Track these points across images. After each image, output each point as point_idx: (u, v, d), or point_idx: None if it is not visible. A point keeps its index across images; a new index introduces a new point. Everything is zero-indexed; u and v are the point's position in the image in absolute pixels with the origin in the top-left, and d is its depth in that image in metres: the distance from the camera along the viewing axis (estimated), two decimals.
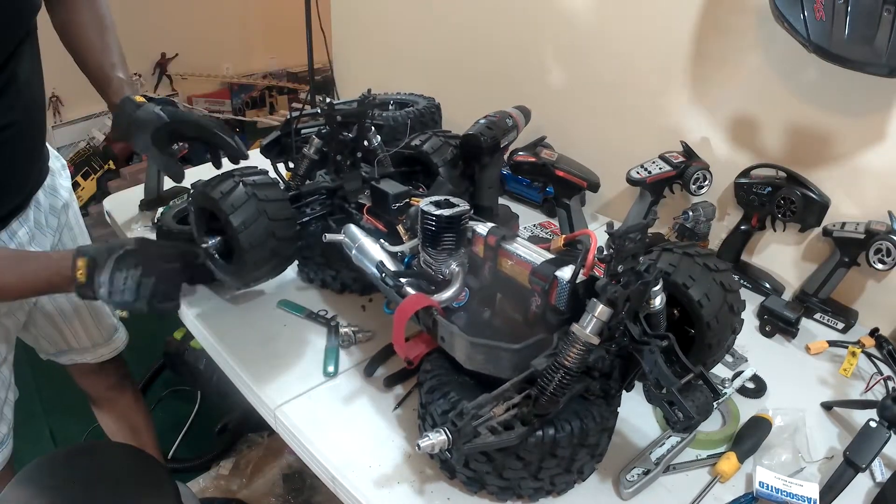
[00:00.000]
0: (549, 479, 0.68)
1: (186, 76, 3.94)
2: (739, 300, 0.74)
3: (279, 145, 1.07)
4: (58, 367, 1.26)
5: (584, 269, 0.66)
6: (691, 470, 0.75)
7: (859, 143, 0.99)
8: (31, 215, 1.03)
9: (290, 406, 0.82)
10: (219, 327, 0.96)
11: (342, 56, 2.03)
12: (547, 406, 0.62)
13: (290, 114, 1.04)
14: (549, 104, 1.39)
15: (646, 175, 1.14)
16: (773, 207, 1.06)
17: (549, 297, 0.69)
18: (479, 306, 0.80)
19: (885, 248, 0.93)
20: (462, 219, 0.76)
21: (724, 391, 0.85)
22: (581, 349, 0.60)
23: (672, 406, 0.60)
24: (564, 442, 0.64)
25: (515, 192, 1.42)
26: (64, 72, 1.20)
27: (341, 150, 0.99)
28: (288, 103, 4.15)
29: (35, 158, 1.03)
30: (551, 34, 1.37)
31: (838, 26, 0.83)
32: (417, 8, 1.68)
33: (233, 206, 0.84)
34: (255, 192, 0.86)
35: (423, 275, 0.79)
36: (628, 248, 0.58)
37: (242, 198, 0.85)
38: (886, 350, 0.95)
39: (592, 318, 0.60)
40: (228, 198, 0.85)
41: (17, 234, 0.99)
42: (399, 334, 0.71)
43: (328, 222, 0.98)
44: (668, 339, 0.63)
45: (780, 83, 1.04)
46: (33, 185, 1.04)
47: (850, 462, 0.71)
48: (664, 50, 1.19)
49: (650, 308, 0.65)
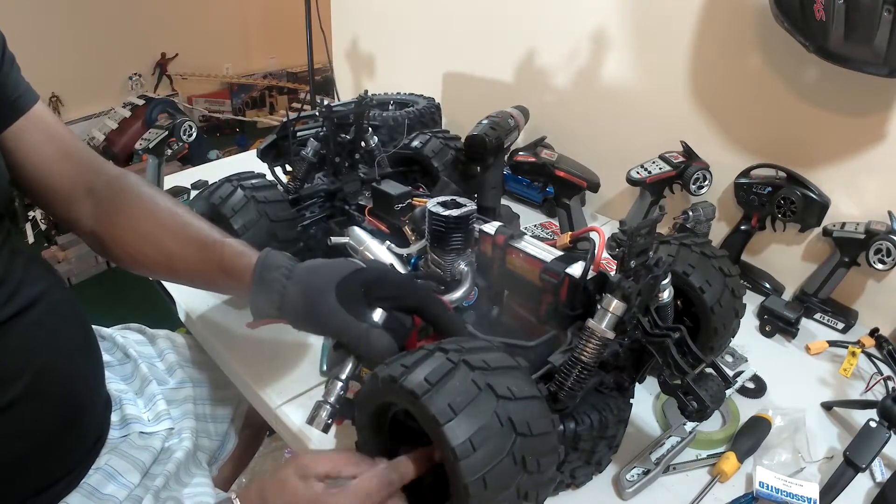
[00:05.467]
0: (570, 472, 0.69)
1: (186, 76, 3.95)
2: (739, 284, 0.77)
3: (276, 149, 1.07)
4: None
5: (593, 265, 0.67)
6: (691, 470, 0.75)
7: (859, 143, 0.99)
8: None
9: (290, 406, 0.82)
10: (219, 327, 0.96)
11: (342, 56, 2.03)
12: (566, 401, 0.62)
13: (287, 116, 1.04)
14: (550, 104, 1.40)
15: (646, 175, 1.14)
16: (773, 207, 1.06)
17: (560, 294, 0.70)
18: (488, 305, 0.81)
19: (885, 248, 0.93)
20: (470, 219, 0.77)
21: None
22: (597, 344, 0.61)
23: (687, 396, 0.61)
24: (585, 435, 0.65)
25: (515, 192, 1.42)
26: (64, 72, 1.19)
27: (339, 151, 0.99)
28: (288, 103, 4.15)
29: (57, 454, 0.66)
30: (551, 34, 1.37)
31: (838, 26, 0.83)
32: (417, 8, 1.68)
33: (233, 209, 0.85)
34: (253, 195, 0.86)
35: (431, 275, 0.79)
36: (639, 244, 0.59)
37: (241, 201, 0.85)
38: (886, 350, 0.95)
39: (607, 313, 0.61)
40: (227, 202, 0.85)
41: None
42: (412, 335, 0.72)
43: (329, 225, 0.98)
44: (680, 331, 0.64)
45: (780, 83, 1.04)
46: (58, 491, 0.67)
47: (850, 462, 0.72)
48: (664, 50, 1.19)
49: (659, 301, 0.67)
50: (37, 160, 0.71)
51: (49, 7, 3.13)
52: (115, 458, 0.73)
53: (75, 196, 0.74)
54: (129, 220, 0.73)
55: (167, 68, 3.84)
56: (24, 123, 0.70)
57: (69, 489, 0.68)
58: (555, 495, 0.70)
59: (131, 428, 0.78)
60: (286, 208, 0.89)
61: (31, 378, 0.62)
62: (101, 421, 0.76)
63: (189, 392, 0.90)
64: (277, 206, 0.88)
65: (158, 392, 0.85)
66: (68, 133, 0.76)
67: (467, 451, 0.46)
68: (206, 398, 0.94)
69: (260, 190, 0.87)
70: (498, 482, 0.47)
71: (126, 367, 0.89)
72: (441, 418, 0.47)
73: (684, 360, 0.63)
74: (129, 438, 0.77)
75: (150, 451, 0.76)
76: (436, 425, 0.47)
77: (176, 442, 0.81)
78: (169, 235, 0.72)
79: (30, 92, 0.72)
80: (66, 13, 3.20)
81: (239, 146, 3.66)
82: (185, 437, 0.82)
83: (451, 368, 0.50)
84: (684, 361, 0.62)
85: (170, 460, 0.78)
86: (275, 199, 0.88)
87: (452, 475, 0.47)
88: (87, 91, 3.40)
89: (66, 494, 0.67)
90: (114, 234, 0.74)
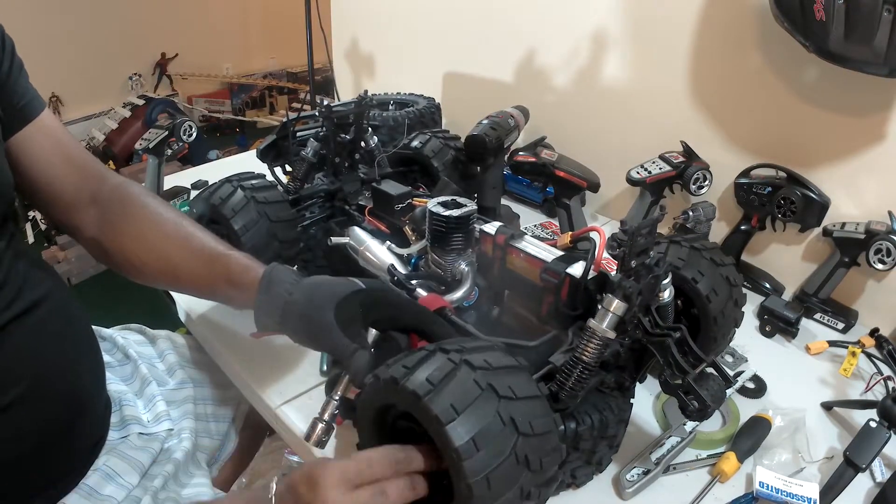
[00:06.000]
0: (570, 472, 0.69)
1: (186, 76, 3.95)
2: (742, 294, 0.77)
3: (276, 149, 1.07)
4: None
5: (594, 265, 0.67)
6: (691, 470, 0.75)
7: (859, 143, 0.99)
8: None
9: (290, 406, 0.82)
10: (219, 327, 0.96)
11: (342, 56, 2.03)
12: (567, 401, 0.62)
13: (287, 116, 1.04)
14: (549, 104, 1.40)
15: (646, 175, 1.14)
16: (773, 207, 1.06)
17: (561, 294, 0.70)
18: (489, 305, 0.81)
19: (885, 248, 0.93)
20: (470, 219, 0.76)
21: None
22: (598, 344, 0.61)
23: (688, 395, 0.62)
24: (586, 434, 0.65)
25: (515, 193, 1.42)
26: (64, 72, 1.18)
27: (339, 151, 0.99)
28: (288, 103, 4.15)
29: (53, 458, 0.67)
30: (551, 34, 1.37)
31: (838, 26, 0.83)
32: (417, 8, 1.68)
33: (233, 210, 0.84)
34: (253, 196, 0.86)
35: (432, 275, 0.79)
36: (639, 244, 0.59)
37: (241, 201, 0.85)
38: (886, 350, 0.95)
39: (608, 312, 0.61)
40: (228, 202, 0.85)
41: None
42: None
43: (330, 225, 0.98)
44: (681, 331, 0.64)
45: (780, 83, 1.04)
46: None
47: (850, 462, 0.72)
48: (664, 50, 1.18)
49: (660, 301, 0.67)
50: (42, 167, 0.71)
51: (49, 7, 3.13)
52: (114, 458, 0.73)
53: (79, 204, 0.74)
54: (134, 229, 0.73)
55: (167, 68, 3.84)
56: (30, 130, 0.70)
57: (68, 490, 0.68)
58: (555, 495, 0.70)
59: (130, 429, 0.78)
60: (286, 209, 0.89)
61: (33, 380, 0.63)
62: (102, 422, 0.76)
63: (189, 392, 0.90)
64: (277, 206, 0.88)
65: (158, 393, 0.86)
66: (73, 141, 0.76)
67: (470, 451, 0.46)
68: (206, 398, 0.94)
69: (260, 191, 0.87)
70: (501, 482, 0.47)
71: (126, 367, 0.89)
72: (444, 418, 0.47)
73: (685, 359, 0.63)
74: (128, 440, 0.77)
75: (150, 452, 0.76)
76: (438, 425, 0.47)
77: (175, 443, 0.81)
78: (174, 246, 0.72)
79: (37, 100, 0.72)
80: (66, 13, 3.19)
81: (239, 146, 3.66)
82: (184, 438, 0.82)
83: (453, 369, 0.50)
84: (685, 361, 0.62)
85: (169, 461, 0.78)
86: (275, 200, 0.88)
87: (456, 476, 0.47)
88: (87, 91, 3.40)
89: (65, 495, 0.67)
90: (118, 243, 0.73)
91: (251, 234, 0.84)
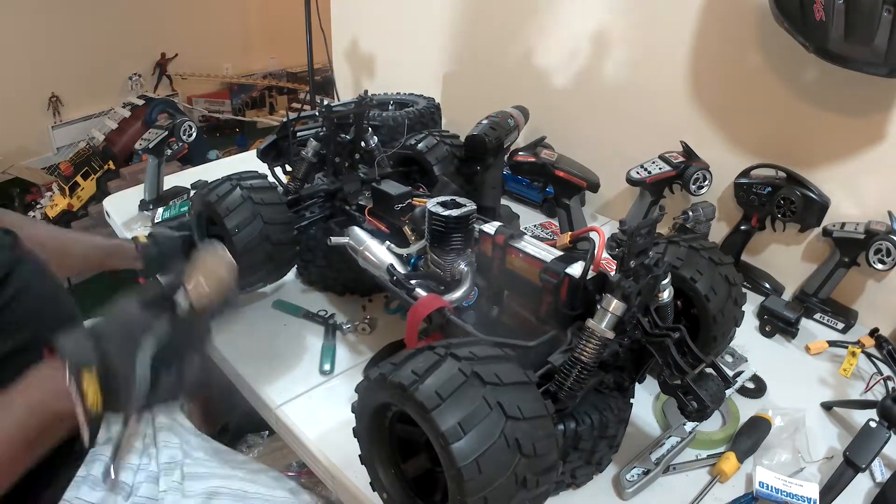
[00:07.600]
0: (570, 472, 0.69)
1: (186, 76, 3.94)
2: (741, 293, 0.77)
3: (276, 149, 1.07)
4: None
5: (593, 265, 0.67)
6: (691, 470, 0.75)
7: (859, 143, 0.99)
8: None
9: (290, 406, 0.82)
10: (219, 327, 0.96)
11: (342, 56, 2.03)
12: (566, 400, 0.62)
13: (287, 116, 1.04)
14: (549, 104, 1.39)
15: (646, 175, 1.14)
16: (773, 207, 1.06)
17: (560, 294, 0.70)
18: (488, 305, 0.81)
19: (885, 248, 0.93)
20: (470, 218, 0.76)
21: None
22: (597, 344, 0.61)
23: (687, 395, 0.62)
24: (586, 434, 0.66)
25: (515, 192, 1.42)
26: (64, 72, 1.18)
27: (339, 151, 0.99)
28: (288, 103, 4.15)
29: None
30: (551, 34, 1.37)
31: (838, 26, 0.83)
32: (417, 8, 1.68)
33: (228, 208, 0.84)
34: (251, 196, 0.86)
35: (431, 275, 0.79)
36: (638, 244, 0.59)
37: (238, 201, 0.85)
38: (886, 350, 0.95)
39: (607, 312, 0.61)
40: (224, 201, 0.85)
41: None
42: (412, 335, 0.72)
43: (329, 225, 0.98)
44: (680, 331, 0.64)
45: (780, 83, 1.04)
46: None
47: (849, 462, 0.72)
48: (664, 50, 1.18)
49: (659, 301, 0.67)
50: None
51: (49, 7, 3.13)
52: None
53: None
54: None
55: (167, 68, 3.83)
56: None
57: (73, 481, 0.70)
58: (555, 495, 0.70)
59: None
60: (283, 211, 0.89)
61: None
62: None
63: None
64: (274, 208, 0.87)
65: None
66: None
67: (457, 434, 0.47)
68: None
69: (258, 191, 0.87)
70: (493, 466, 0.47)
71: None
72: (428, 405, 0.48)
73: (684, 359, 0.63)
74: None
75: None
76: (424, 412, 0.48)
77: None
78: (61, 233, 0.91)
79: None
80: (66, 13, 3.19)
81: (239, 146, 3.66)
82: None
83: (438, 360, 0.52)
84: (684, 361, 0.63)
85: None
86: (272, 202, 0.87)
87: (447, 464, 0.48)
88: (87, 91, 3.39)
89: (72, 487, 0.69)
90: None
91: (243, 235, 0.84)
